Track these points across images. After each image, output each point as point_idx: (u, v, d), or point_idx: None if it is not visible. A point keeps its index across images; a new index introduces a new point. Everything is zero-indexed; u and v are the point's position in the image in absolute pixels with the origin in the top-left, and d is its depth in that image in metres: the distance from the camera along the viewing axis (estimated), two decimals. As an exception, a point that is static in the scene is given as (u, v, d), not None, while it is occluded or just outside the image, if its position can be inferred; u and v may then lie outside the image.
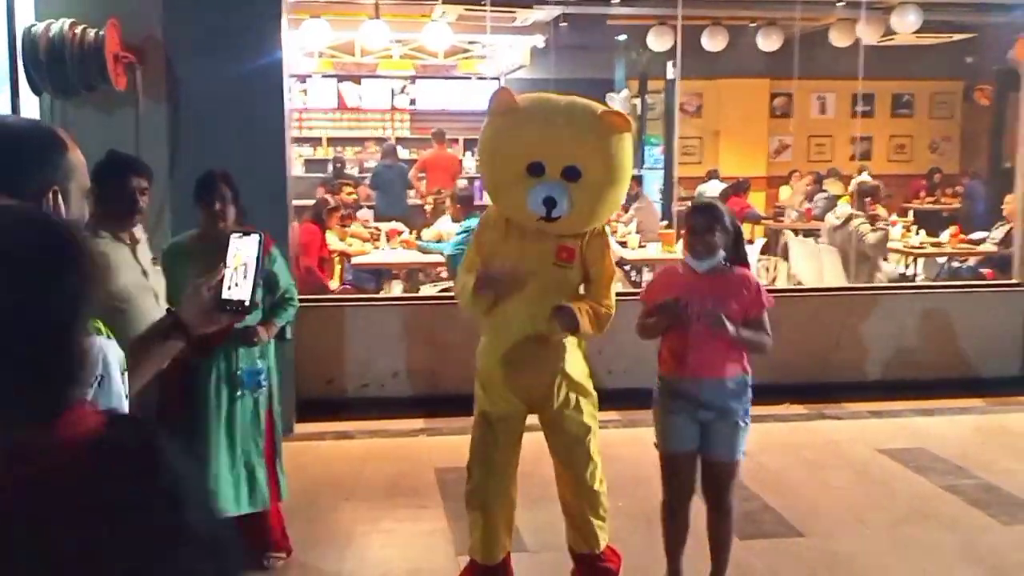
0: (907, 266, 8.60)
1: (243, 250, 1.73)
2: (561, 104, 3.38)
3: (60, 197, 1.51)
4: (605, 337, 3.58)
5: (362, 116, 14.05)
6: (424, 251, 7.25)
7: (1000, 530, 4.41)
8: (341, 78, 13.51)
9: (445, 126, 12.57)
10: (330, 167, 12.37)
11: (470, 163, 13.06)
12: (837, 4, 9.12)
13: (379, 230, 8.39)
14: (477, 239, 3.63)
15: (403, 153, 13.03)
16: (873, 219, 7.40)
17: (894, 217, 9.28)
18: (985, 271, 8.20)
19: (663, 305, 3.41)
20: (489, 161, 3.51)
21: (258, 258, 1.73)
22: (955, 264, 8.51)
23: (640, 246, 8.03)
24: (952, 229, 8.56)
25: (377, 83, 13.70)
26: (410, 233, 8.37)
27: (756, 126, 15.05)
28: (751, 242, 9.82)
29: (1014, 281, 6.94)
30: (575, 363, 3.57)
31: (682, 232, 3.57)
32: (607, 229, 3.66)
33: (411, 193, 11.71)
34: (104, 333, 1.49)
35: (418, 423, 6.05)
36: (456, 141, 13.43)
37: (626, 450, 5.35)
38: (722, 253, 3.40)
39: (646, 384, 6.24)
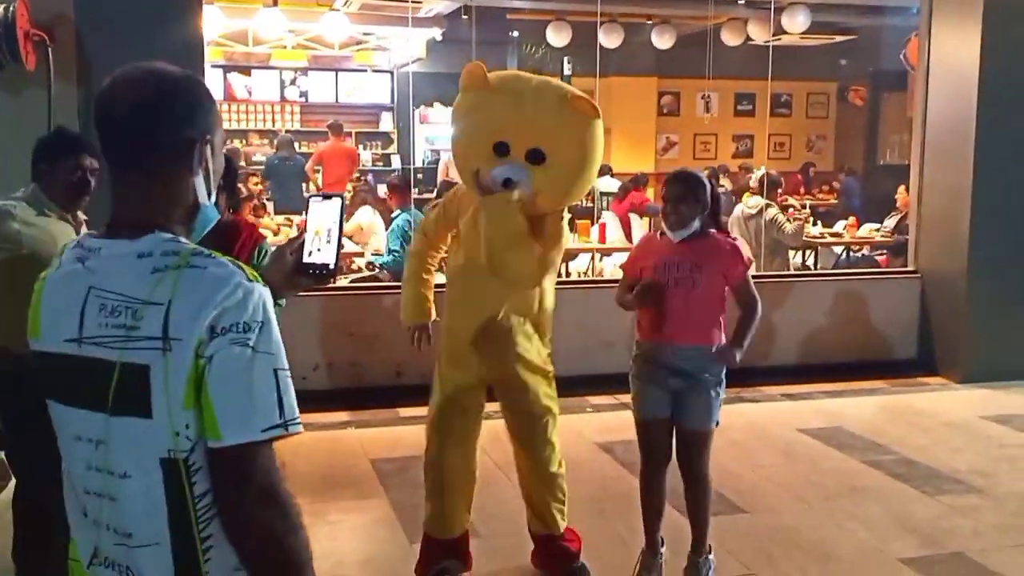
0: (805, 257, 8.95)
1: (324, 213, 1.68)
2: (532, 84, 3.33)
3: (208, 147, 1.49)
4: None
5: (250, 108, 13.68)
6: (377, 266, 7.11)
7: (927, 501, 4.62)
8: (229, 68, 13.12)
9: (338, 119, 12.36)
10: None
11: (366, 156, 12.88)
12: (738, 3, 9.38)
13: (290, 221, 8.17)
14: (445, 210, 3.59)
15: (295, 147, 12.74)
16: (785, 209, 7.65)
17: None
18: (880, 259, 8.61)
19: (646, 287, 3.43)
20: (458, 137, 3.45)
21: (340, 220, 1.68)
22: (852, 254, 8.89)
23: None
24: (850, 220, 8.94)
25: (267, 74, 13.36)
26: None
27: (644, 124, 15.38)
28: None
29: (910, 269, 7.29)
30: (533, 345, 3.55)
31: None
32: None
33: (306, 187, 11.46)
34: (261, 281, 1.41)
35: (343, 416, 5.92)
36: (349, 134, 13.23)
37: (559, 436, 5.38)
38: (697, 223, 3.43)
39: (570, 372, 6.34)
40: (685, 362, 3.47)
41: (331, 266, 1.68)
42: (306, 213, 1.71)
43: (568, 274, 8.37)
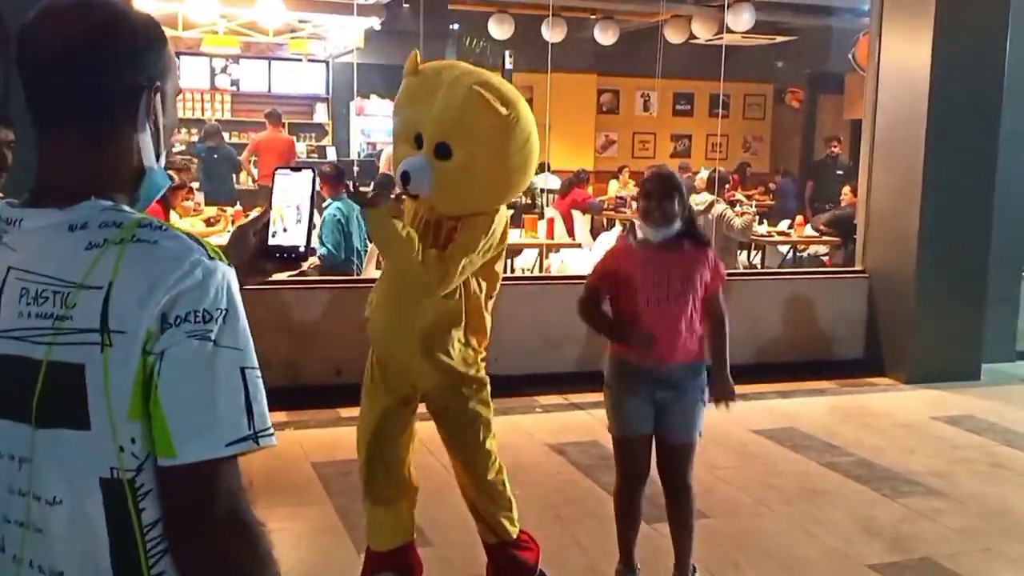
0: (751, 257, 8.90)
1: (292, 189, 1.44)
2: (451, 74, 3.10)
3: (158, 96, 1.21)
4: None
5: (179, 96, 13.18)
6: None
7: (888, 504, 4.52)
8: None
9: (269, 109, 11.98)
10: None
11: (301, 148, 12.51)
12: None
13: (224, 211, 7.81)
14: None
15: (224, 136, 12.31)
16: (733, 205, 7.57)
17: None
18: (824, 259, 8.60)
19: (645, 340, 3.19)
20: (393, 125, 3.27)
21: (312, 197, 1.44)
22: (798, 253, 8.87)
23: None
24: (798, 219, 8.92)
25: (197, 60, 12.88)
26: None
27: (583, 121, 15.27)
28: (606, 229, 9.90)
29: (858, 268, 7.26)
30: (456, 351, 3.24)
31: (637, 200, 3.37)
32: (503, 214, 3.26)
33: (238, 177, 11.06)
34: (226, 260, 1.15)
35: (281, 416, 5.62)
36: (283, 125, 12.84)
37: (504, 438, 5.16)
38: (679, 224, 3.25)
39: (516, 371, 6.12)
40: (672, 375, 3.28)
41: (301, 248, 1.45)
42: (272, 189, 1.46)
43: (514, 270, 8.17)
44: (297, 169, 1.47)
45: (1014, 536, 4.18)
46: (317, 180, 1.46)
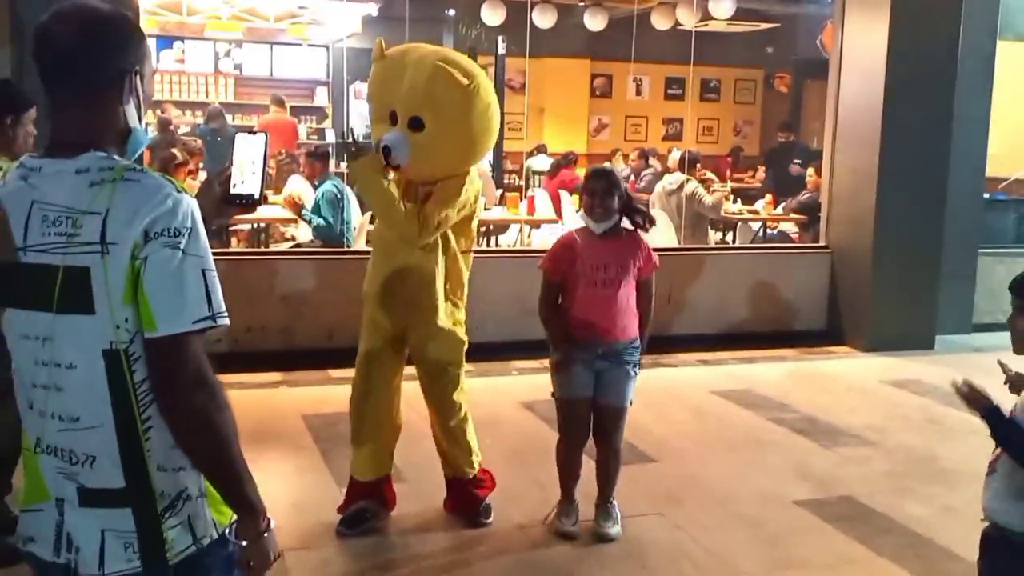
0: (724, 234, 9.31)
1: (249, 148, 1.85)
2: (416, 55, 3.58)
3: (138, 77, 1.66)
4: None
5: (183, 79, 13.60)
6: (308, 222, 7.24)
7: (823, 453, 4.98)
8: (161, 38, 13.02)
9: (271, 92, 12.39)
10: (151, 129, 11.94)
11: (301, 130, 12.91)
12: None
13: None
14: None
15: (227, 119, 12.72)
16: (705, 183, 7.98)
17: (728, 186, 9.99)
18: (794, 236, 9.02)
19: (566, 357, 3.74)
20: (368, 107, 3.76)
21: (264, 155, 1.86)
22: (768, 231, 9.29)
23: (485, 209, 8.32)
24: (768, 198, 9.34)
25: (201, 45, 13.29)
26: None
27: (577, 105, 15.66)
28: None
29: (821, 244, 7.69)
30: (443, 305, 3.74)
31: (582, 196, 3.84)
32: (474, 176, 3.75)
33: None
34: (190, 194, 1.61)
35: (275, 376, 6.08)
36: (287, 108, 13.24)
37: (482, 397, 5.63)
38: (616, 216, 3.73)
39: (495, 338, 6.55)
40: (610, 349, 3.76)
41: (255, 196, 1.86)
42: (232, 147, 1.87)
43: (498, 244, 8.61)
44: (253, 133, 1.88)
45: (930, 479, 4.63)
46: (269, 142, 1.88)
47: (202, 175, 9.73)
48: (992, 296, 8.09)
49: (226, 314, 1.59)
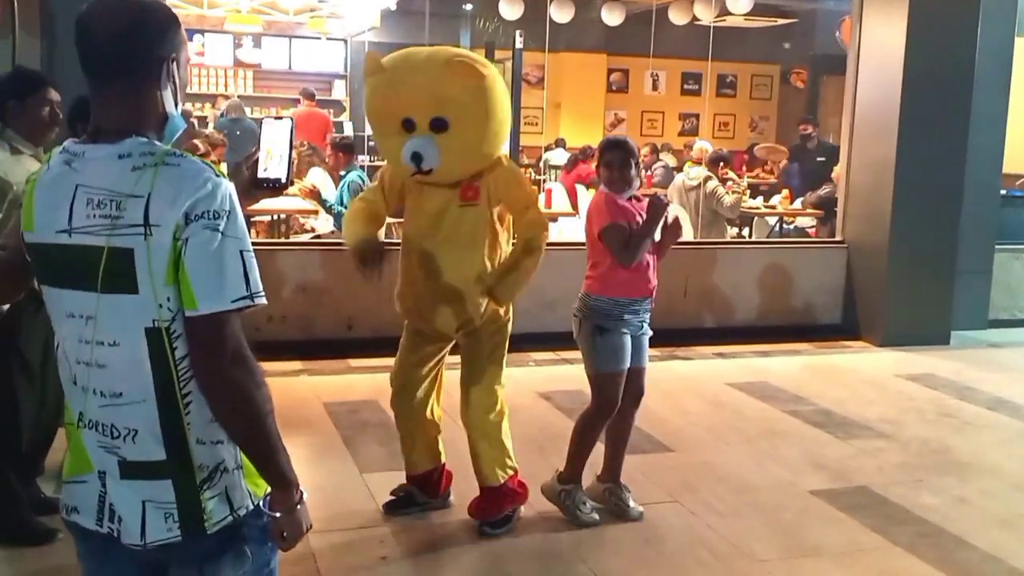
0: (741, 231, 9.35)
1: (276, 133, 1.90)
2: (420, 58, 3.48)
3: (175, 64, 1.71)
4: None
5: (202, 72, 13.71)
6: (328, 211, 7.32)
7: (837, 444, 5.03)
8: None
9: (290, 85, 12.50)
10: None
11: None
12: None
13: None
14: (384, 175, 3.78)
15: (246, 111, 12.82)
16: (725, 183, 8.02)
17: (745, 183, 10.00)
18: (811, 231, 9.04)
19: (653, 204, 3.70)
20: (371, 123, 3.67)
21: (290, 140, 1.90)
22: (785, 226, 9.32)
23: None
24: (784, 193, 9.37)
25: (221, 38, 13.41)
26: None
27: (593, 99, 15.71)
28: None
29: (838, 239, 7.72)
30: (482, 303, 3.67)
31: (599, 170, 3.84)
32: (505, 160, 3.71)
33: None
34: (226, 177, 1.66)
35: (296, 365, 6.17)
36: (299, 101, 13.34)
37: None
38: (636, 184, 3.77)
39: (513, 330, 6.63)
40: (647, 308, 3.84)
41: (282, 180, 1.90)
42: (259, 133, 1.91)
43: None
44: (279, 119, 1.94)
45: (944, 471, 4.68)
46: (294, 128, 1.91)
47: (222, 167, 9.88)
48: (1008, 292, 8.13)
49: (263, 293, 1.63)
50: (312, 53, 13.94)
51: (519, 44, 12.31)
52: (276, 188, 1.92)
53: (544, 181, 11.77)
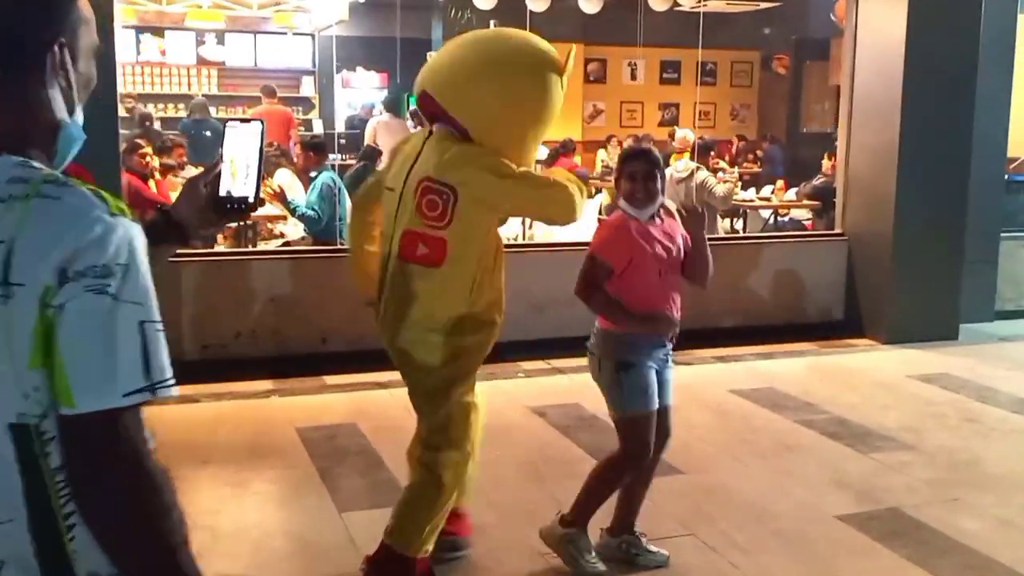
0: (733, 223, 8.96)
1: (241, 140, 1.47)
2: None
3: (66, 52, 1.24)
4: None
5: (164, 71, 13.16)
6: (294, 214, 6.79)
7: (858, 458, 4.63)
8: (142, 29, 12.59)
9: (256, 83, 11.97)
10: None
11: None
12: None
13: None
14: None
15: (211, 111, 12.30)
16: (715, 172, 7.63)
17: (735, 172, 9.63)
18: (807, 223, 8.67)
19: (664, 320, 3.29)
20: (546, 124, 3.25)
21: (261, 148, 1.48)
22: (779, 218, 8.94)
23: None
24: (779, 184, 8.98)
25: (182, 35, 12.86)
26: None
27: (571, 90, 15.21)
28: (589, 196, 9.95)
29: (837, 231, 7.33)
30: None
31: (618, 182, 3.34)
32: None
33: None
34: (129, 215, 1.19)
35: (267, 384, 5.70)
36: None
37: (488, 402, 5.25)
38: (661, 199, 3.32)
39: (500, 338, 6.21)
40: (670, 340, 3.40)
41: (250, 199, 1.49)
42: (222, 141, 1.49)
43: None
44: (246, 121, 1.51)
45: (980, 487, 4.29)
46: (265, 132, 1.50)
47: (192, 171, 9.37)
48: (1015, 282, 7.78)
49: (171, 381, 1.18)
50: (278, 49, 13.42)
51: (493, 35, 11.88)
52: (243, 209, 1.50)
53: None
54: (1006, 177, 7.92)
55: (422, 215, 3.05)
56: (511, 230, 8.60)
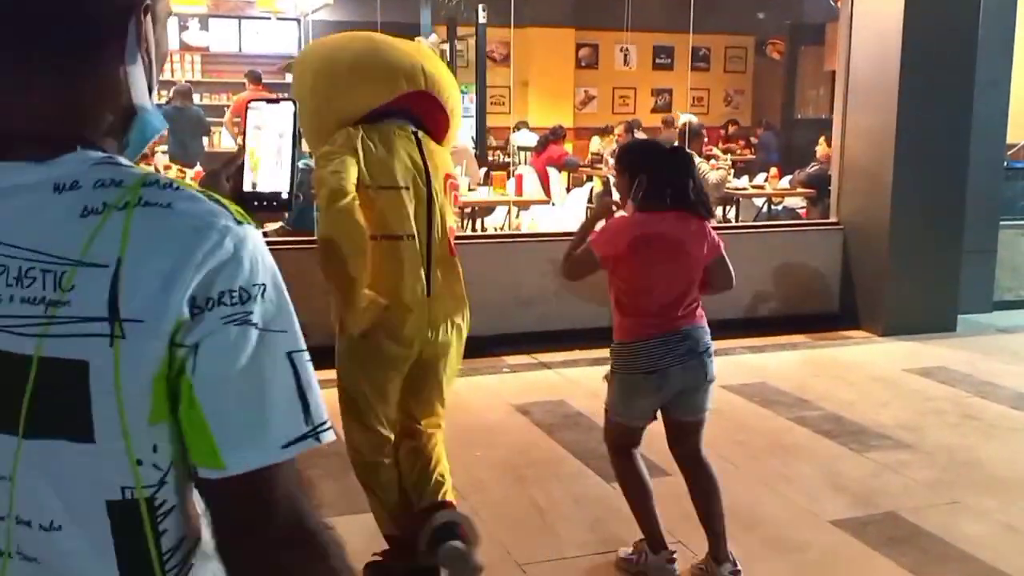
0: (726, 212, 8.76)
1: (270, 125, 1.19)
2: None
3: (150, 19, 0.98)
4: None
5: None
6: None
7: (854, 458, 4.45)
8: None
9: (241, 69, 11.75)
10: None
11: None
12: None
13: (183, 173, 7.65)
14: None
15: (195, 99, 12.06)
16: (708, 159, 7.43)
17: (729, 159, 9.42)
18: (801, 211, 8.48)
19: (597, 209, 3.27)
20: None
21: (294, 134, 1.19)
22: (773, 207, 8.75)
23: (470, 189, 7.73)
24: (773, 171, 8.79)
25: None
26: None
27: (562, 77, 15.04)
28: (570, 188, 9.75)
29: (832, 220, 7.14)
30: None
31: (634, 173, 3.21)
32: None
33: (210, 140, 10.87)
34: (249, 220, 0.95)
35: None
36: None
37: (470, 399, 5.09)
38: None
39: (485, 331, 6.04)
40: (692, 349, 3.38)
41: (283, 194, 1.19)
42: (244, 126, 1.21)
43: (484, 228, 8.04)
44: (275, 101, 1.21)
45: (981, 489, 4.10)
46: (298, 114, 1.20)
47: (163, 159, 9.15)
48: (1015, 272, 7.61)
49: (329, 424, 0.96)
50: (263, 34, 13.17)
51: (482, 19, 11.63)
52: (275, 207, 1.19)
53: (513, 166, 11.11)
54: (1004, 164, 7.73)
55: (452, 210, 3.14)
56: (497, 219, 8.42)
